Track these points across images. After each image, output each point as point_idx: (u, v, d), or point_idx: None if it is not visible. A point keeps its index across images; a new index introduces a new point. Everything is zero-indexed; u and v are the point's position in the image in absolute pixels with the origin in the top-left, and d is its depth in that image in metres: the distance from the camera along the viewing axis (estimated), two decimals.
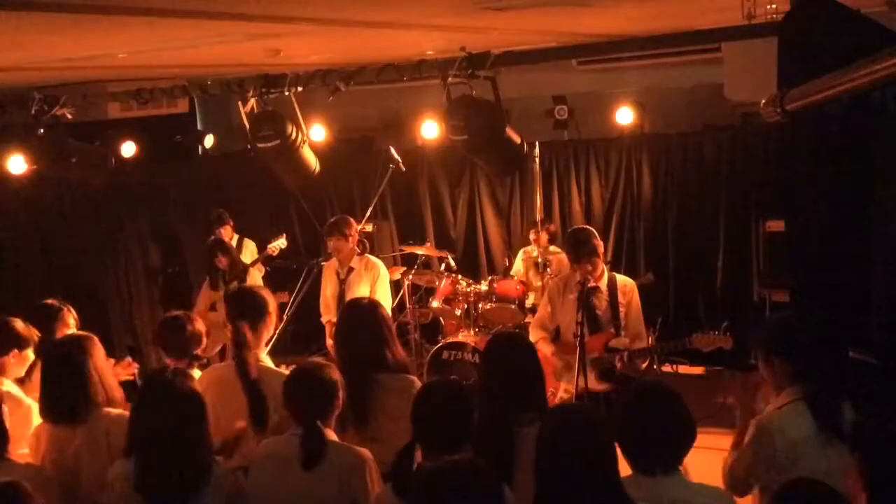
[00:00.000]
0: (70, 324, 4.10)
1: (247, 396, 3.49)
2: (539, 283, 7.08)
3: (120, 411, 3.31)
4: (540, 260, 7.08)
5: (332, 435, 3.01)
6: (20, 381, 3.79)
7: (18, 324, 3.76)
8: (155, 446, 2.79)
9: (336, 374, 3.08)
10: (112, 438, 3.17)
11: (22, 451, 3.37)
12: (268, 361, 3.79)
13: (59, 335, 3.91)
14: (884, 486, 2.25)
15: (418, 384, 3.54)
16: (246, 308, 3.72)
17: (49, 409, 3.29)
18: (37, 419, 3.49)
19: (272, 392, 3.50)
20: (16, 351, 3.71)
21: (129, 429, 2.90)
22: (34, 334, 3.78)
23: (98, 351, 3.40)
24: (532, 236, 7.38)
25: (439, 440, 2.72)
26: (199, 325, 3.86)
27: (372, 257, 5.76)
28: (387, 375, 3.51)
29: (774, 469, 2.81)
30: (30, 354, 3.76)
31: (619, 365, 4.67)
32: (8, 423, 3.14)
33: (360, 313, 3.72)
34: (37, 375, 3.58)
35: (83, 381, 3.27)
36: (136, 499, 2.75)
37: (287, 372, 3.64)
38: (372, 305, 3.80)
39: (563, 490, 2.29)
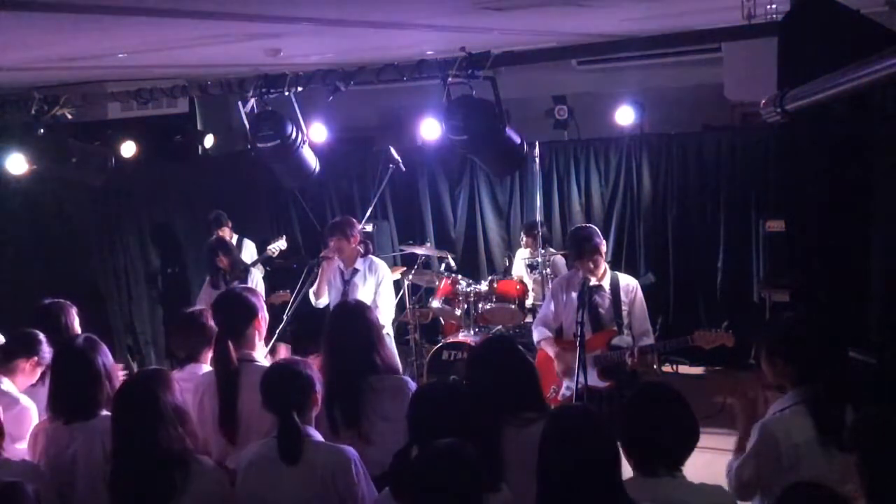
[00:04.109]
0: (75, 326, 4.11)
1: (219, 408, 3.52)
2: (533, 284, 7.11)
3: None
4: (531, 262, 7.11)
5: (315, 434, 3.01)
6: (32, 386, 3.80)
7: (44, 338, 3.78)
8: (126, 451, 2.81)
9: (312, 371, 3.07)
10: (108, 441, 3.18)
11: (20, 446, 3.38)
12: (265, 362, 3.80)
13: (73, 331, 3.92)
14: (882, 487, 2.25)
15: (411, 384, 3.54)
16: (227, 319, 3.70)
17: (56, 406, 3.30)
18: (34, 421, 3.50)
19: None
20: (35, 359, 3.74)
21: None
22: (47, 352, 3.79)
23: (107, 353, 3.45)
24: (522, 240, 7.41)
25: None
26: (212, 322, 3.87)
27: (375, 258, 5.76)
28: (377, 377, 3.50)
29: (777, 472, 2.81)
30: (38, 371, 3.78)
31: (630, 361, 4.68)
32: (3, 421, 3.16)
33: (347, 316, 3.70)
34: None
35: (93, 379, 3.30)
36: None
37: None
38: (360, 308, 3.79)
39: (564, 491, 2.29)
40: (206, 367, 3.85)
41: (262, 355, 3.80)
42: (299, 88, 4.79)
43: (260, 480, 2.94)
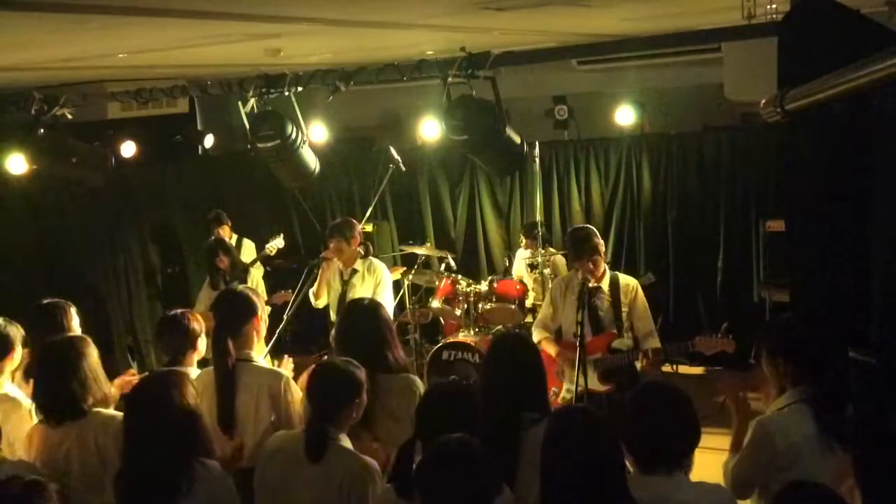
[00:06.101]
0: (74, 325, 4.10)
1: (217, 404, 3.53)
2: (533, 284, 7.11)
3: (111, 412, 3.32)
4: (531, 262, 7.12)
5: (344, 440, 3.00)
6: (26, 381, 3.80)
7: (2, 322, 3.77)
8: (133, 452, 2.81)
9: (361, 376, 3.07)
10: (101, 439, 3.19)
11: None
12: (263, 362, 3.80)
13: (71, 331, 3.92)
14: (877, 485, 2.25)
15: (419, 383, 3.55)
16: (226, 316, 3.70)
17: (42, 408, 3.30)
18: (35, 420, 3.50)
19: (264, 392, 3.51)
20: (11, 354, 3.72)
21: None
22: (20, 331, 3.79)
23: (92, 352, 3.41)
24: (522, 240, 7.43)
25: None
26: (197, 324, 3.87)
27: (375, 260, 5.76)
28: (387, 376, 3.50)
29: (775, 470, 2.81)
30: (18, 351, 3.77)
31: (644, 363, 4.67)
32: (13, 425, 3.16)
33: (361, 314, 3.72)
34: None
35: (76, 381, 3.28)
36: None
37: (278, 369, 3.67)
38: (373, 306, 3.80)
39: (567, 491, 2.29)
40: (192, 370, 3.84)
41: (260, 355, 3.80)
42: (299, 88, 4.80)
43: (280, 472, 2.98)
